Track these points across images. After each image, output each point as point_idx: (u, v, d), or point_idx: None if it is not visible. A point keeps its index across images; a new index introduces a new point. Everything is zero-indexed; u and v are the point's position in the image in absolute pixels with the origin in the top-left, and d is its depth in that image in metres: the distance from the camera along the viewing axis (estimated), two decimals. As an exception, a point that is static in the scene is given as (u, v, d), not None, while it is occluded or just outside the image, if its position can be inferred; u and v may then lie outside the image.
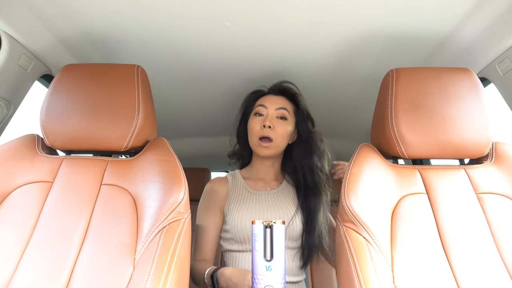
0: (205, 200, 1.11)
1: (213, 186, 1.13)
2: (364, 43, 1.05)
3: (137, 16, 0.94)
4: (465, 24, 0.95)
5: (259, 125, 1.08)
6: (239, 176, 1.17)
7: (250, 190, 1.12)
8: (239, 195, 1.11)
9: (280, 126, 1.08)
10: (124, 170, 0.85)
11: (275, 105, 1.10)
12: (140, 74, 0.92)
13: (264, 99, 1.13)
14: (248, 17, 0.94)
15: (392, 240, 0.75)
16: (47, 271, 0.69)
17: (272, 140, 1.06)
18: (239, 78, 1.26)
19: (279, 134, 1.07)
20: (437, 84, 0.87)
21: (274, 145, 1.07)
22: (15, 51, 0.97)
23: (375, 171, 0.82)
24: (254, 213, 1.05)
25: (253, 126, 1.09)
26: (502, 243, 0.74)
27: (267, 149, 1.07)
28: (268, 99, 1.13)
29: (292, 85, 1.17)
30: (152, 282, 0.64)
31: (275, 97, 1.13)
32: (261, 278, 0.76)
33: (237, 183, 1.14)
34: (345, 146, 1.85)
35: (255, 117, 1.11)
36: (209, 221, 1.07)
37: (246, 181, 1.15)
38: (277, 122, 1.08)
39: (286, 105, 1.12)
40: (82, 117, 0.87)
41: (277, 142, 1.07)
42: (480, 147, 0.84)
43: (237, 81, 1.29)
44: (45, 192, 0.80)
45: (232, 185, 1.14)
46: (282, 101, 1.12)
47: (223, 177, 1.17)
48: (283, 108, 1.10)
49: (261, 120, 1.09)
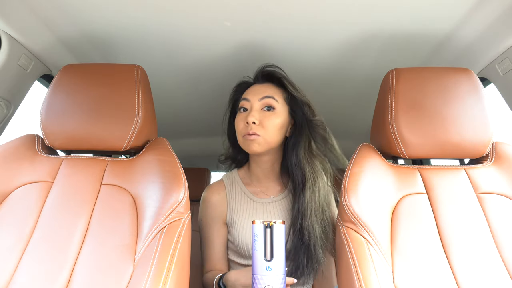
0: (204, 213, 1.01)
1: (209, 197, 1.01)
2: (364, 43, 1.05)
3: (137, 16, 0.94)
4: (465, 24, 0.95)
5: (243, 122, 0.93)
6: (238, 178, 1.05)
7: (253, 198, 1.01)
8: (241, 204, 1.00)
9: (266, 118, 0.92)
10: (124, 170, 0.85)
11: (258, 95, 0.94)
12: (140, 74, 0.92)
13: (248, 91, 0.98)
14: (248, 17, 0.94)
15: (392, 240, 0.75)
16: (47, 271, 0.69)
17: (260, 136, 0.91)
18: (239, 77, 1.26)
19: (267, 129, 0.91)
20: (437, 84, 0.87)
21: (263, 140, 0.91)
22: (15, 51, 0.97)
23: (375, 171, 0.82)
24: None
25: (237, 124, 0.95)
26: (502, 243, 0.74)
27: (255, 143, 0.91)
28: (251, 90, 0.97)
29: (277, 67, 0.99)
30: (152, 282, 0.64)
31: (258, 86, 0.98)
32: (261, 278, 0.76)
33: (236, 189, 1.03)
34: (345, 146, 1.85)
35: (240, 114, 0.96)
36: (214, 235, 0.99)
37: (247, 187, 1.03)
38: (262, 115, 0.93)
39: (273, 92, 0.95)
40: (82, 117, 0.87)
41: (266, 138, 0.91)
42: (480, 147, 0.84)
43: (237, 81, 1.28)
44: (45, 192, 0.80)
45: (231, 191, 1.02)
46: (266, 89, 0.96)
47: (219, 183, 1.05)
48: (268, 97, 0.94)
49: (245, 115, 0.94)
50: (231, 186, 1.03)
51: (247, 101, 0.96)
